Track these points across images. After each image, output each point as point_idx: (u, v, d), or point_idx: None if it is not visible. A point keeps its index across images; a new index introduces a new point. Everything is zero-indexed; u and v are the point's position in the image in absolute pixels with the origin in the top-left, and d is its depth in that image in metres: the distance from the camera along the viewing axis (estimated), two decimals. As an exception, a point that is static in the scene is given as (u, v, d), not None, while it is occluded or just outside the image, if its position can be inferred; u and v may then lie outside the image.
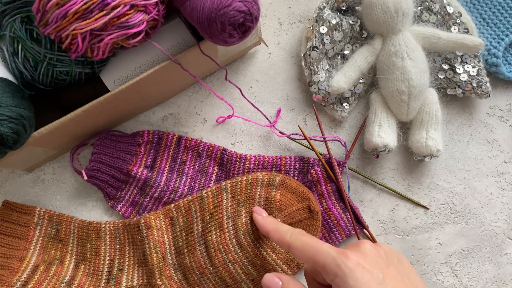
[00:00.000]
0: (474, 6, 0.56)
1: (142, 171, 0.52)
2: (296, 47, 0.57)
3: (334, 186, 0.52)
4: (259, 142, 0.55)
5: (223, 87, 0.57)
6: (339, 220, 0.51)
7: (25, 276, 0.48)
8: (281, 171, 0.53)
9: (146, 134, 0.53)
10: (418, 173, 0.55)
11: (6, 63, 0.45)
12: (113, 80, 0.48)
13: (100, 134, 0.53)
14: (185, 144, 0.54)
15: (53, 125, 0.45)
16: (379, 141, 0.50)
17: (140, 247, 0.49)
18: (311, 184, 0.52)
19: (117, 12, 0.39)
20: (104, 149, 0.52)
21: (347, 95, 0.54)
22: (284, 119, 0.56)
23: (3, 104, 0.40)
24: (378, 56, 0.52)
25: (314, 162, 0.53)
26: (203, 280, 0.47)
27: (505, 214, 0.54)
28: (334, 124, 0.56)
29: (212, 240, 0.47)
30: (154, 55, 0.48)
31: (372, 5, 0.49)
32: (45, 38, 0.43)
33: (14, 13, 0.43)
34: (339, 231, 0.51)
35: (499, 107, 0.56)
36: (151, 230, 0.49)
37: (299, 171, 0.53)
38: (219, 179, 0.53)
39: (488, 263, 0.53)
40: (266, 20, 0.58)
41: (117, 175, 0.52)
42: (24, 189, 0.54)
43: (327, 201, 0.52)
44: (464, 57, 0.53)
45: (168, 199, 0.52)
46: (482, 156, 0.55)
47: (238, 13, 0.40)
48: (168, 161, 0.54)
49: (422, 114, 0.51)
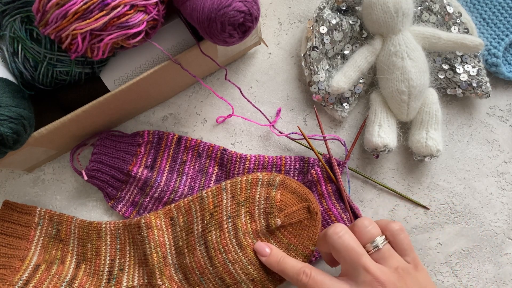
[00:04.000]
0: (474, 6, 0.56)
1: (142, 171, 0.52)
2: (296, 47, 0.57)
3: (334, 186, 0.52)
4: (259, 142, 0.55)
5: (223, 87, 0.57)
6: (339, 220, 0.51)
7: (27, 275, 0.48)
8: (281, 171, 0.53)
9: (146, 134, 0.53)
10: (418, 173, 0.55)
11: (6, 63, 0.45)
12: (113, 80, 0.48)
13: (100, 134, 0.53)
14: (185, 144, 0.54)
15: (53, 125, 0.45)
16: (379, 141, 0.50)
17: (140, 247, 0.49)
18: (311, 184, 0.52)
19: (117, 12, 0.39)
20: (104, 149, 0.52)
21: (347, 95, 0.54)
22: (284, 119, 0.56)
23: (3, 104, 0.40)
24: (378, 56, 0.52)
25: (314, 162, 0.53)
26: (203, 280, 0.47)
27: (505, 214, 0.54)
28: (334, 124, 0.56)
29: (212, 240, 0.47)
30: (154, 55, 0.48)
31: (372, 5, 0.49)
32: (45, 38, 0.43)
33: (14, 13, 0.43)
34: None
35: (499, 107, 0.56)
36: (152, 230, 0.49)
37: (299, 171, 0.53)
38: (219, 179, 0.53)
39: (488, 263, 0.53)
40: (266, 20, 0.58)
41: (117, 175, 0.52)
42: (24, 189, 0.54)
43: (327, 201, 0.52)
44: (464, 57, 0.53)
45: (168, 199, 0.52)
46: (482, 156, 0.55)
47: (238, 13, 0.40)
48: (168, 161, 0.54)
49: (422, 114, 0.51)
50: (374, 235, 0.40)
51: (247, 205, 0.48)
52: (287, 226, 0.48)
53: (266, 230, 0.47)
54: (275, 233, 0.48)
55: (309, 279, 0.40)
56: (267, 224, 0.47)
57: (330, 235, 0.40)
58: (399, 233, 0.41)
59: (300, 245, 0.48)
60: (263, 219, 0.47)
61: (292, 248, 0.48)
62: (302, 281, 0.41)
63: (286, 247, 0.48)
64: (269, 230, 0.48)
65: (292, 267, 0.43)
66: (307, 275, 0.41)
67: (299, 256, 0.48)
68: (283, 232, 0.48)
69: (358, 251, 0.39)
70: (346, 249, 0.39)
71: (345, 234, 0.40)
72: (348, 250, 0.39)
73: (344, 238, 0.40)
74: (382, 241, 0.40)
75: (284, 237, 0.48)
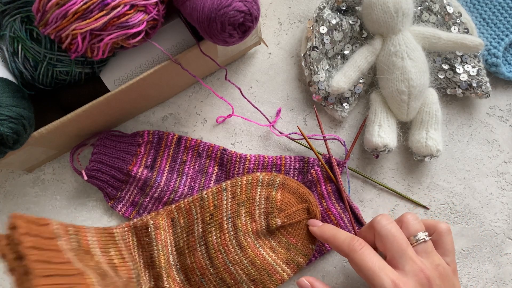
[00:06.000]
0: (474, 6, 0.56)
1: (142, 171, 0.52)
2: (296, 47, 0.57)
3: (334, 186, 0.52)
4: (259, 142, 0.55)
5: (223, 87, 0.57)
6: (338, 220, 0.51)
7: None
8: (281, 171, 0.53)
9: (146, 134, 0.53)
10: (418, 173, 0.55)
11: (6, 63, 0.45)
12: (113, 80, 0.48)
13: (100, 134, 0.53)
14: (185, 144, 0.54)
15: (53, 125, 0.45)
16: (379, 141, 0.50)
17: (147, 249, 0.49)
18: (311, 184, 0.52)
19: (117, 12, 0.39)
20: (104, 149, 0.52)
21: (347, 95, 0.54)
22: (284, 119, 0.56)
23: (3, 104, 0.40)
24: (378, 56, 0.52)
25: (314, 162, 0.53)
26: (204, 281, 0.47)
27: (505, 214, 0.54)
28: (334, 124, 0.56)
29: (212, 241, 0.47)
30: (154, 55, 0.48)
31: (372, 5, 0.49)
32: (45, 38, 0.43)
33: (14, 13, 0.43)
34: None
35: (499, 107, 0.56)
36: (159, 232, 0.48)
37: (299, 171, 0.53)
38: (219, 179, 0.53)
39: (488, 263, 0.53)
40: (266, 20, 0.58)
41: (117, 175, 0.52)
42: (24, 189, 0.54)
43: (327, 201, 0.52)
44: (464, 57, 0.53)
45: (168, 199, 0.52)
46: (482, 156, 0.55)
47: (238, 13, 0.40)
48: (168, 161, 0.54)
49: (422, 114, 0.51)
50: (418, 230, 0.41)
51: (247, 205, 0.48)
52: (287, 226, 0.48)
53: (266, 230, 0.47)
54: (274, 233, 0.48)
55: (362, 248, 0.41)
56: (267, 224, 0.47)
57: (378, 221, 0.41)
58: (447, 234, 0.43)
59: (300, 244, 0.48)
60: (263, 219, 0.47)
61: (292, 248, 0.48)
62: (354, 247, 0.41)
63: (286, 247, 0.48)
64: (269, 231, 0.48)
65: (345, 233, 0.43)
66: (361, 244, 0.41)
67: (299, 255, 0.48)
68: (283, 232, 0.48)
69: (405, 241, 0.40)
70: (394, 238, 0.40)
71: (392, 223, 0.41)
72: (396, 239, 0.40)
73: (391, 226, 0.41)
74: (424, 236, 0.41)
75: (283, 236, 0.48)
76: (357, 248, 0.41)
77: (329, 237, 0.44)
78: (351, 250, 0.41)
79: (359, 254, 0.40)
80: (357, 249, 0.40)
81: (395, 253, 0.40)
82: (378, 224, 0.41)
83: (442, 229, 0.43)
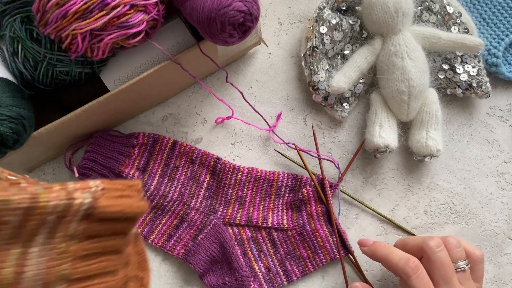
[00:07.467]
0: (474, 6, 0.56)
1: (134, 173, 0.52)
2: (296, 47, 0.57)
3: (324, 208, 0.52)
4: (259, 142, 0.55)
5: (223, 87, 0.57)
6: (325, 242, 0.51)
7: None
8: (273, 186, 0.53)
9: (141, 136, 0.53)
10: (418, 173, 0.55)
11: (6, 63, 0.45)
12: (113, 80, 0.48)
13: (95, 133, 0.52)
14: (179, 149, 0.54)
15: (53, 125, 0.45)
16: (380, 142, 0.50)
17: None
18: (301, 203, 0.52)
19: (117, 12, 0.39)
20: (98, 148, 0.52)
21: (347, 95, 0.54)
22: (284, 119, 0.56)
23: (3, 104, 0.40)
24: (378, 56, 0.52)
25: (307, 181, 0.53)
26: None
27: (505, 214, 0.54)
28: (334, 124, 0.56)
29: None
30: (154, 55, 0.48)
31: (372, 5, 0.49)
32: (45, 38, 0.43)
33: (14, 13, 0.43)
34: (324, 254, 0.51)
35: (499, 107, 0.56)
36: None
37: (291, 189, 0.53)
38: (210, 188, 0.53)
39: (488, 263, 0.53)
40: (266, 20, 0.58)
41: (109, 174, 0.51)
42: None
43: (315, 222, 0.52)
44: (464, 57, 0.53)
45: (157, 204, 0.52)
46: (482, 156, 0.55)
47: (238, 13, 0.40)
48: (160, 165, 0.53)
49: (422, 114, 0.51)
50: (459, 258, 0.44)
51: None
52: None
53: None
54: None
55: (417, 273, 0.42)
56: None
57: (431, 247, 0.43)
58: (480, 262, 0.45)
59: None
60: None
61: None
62: (409, 272, 0.42)
63: None
64: None
65: (398, 254, 0.45)
66: (416, 268, 0.43)
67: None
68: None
69: (451, 269, 0.43)
70: (442, 264, 0.43)
71: (443, 251, 0.43)
72: (444, 267, 0.43)
73: (442, 253, 0.43)
74: (464, 264, 0.44)
75: None
76: (411, 274, 0.42)
77: (382, 258, 0.45)
78: (406, 274, 0.43)
79: (413, 280, 0.42)
80: (412, 275, 0.42)
81: (440, 279, 0.43)
82: (430, 250, 0.43)
83: (477, 257, 0.45)
